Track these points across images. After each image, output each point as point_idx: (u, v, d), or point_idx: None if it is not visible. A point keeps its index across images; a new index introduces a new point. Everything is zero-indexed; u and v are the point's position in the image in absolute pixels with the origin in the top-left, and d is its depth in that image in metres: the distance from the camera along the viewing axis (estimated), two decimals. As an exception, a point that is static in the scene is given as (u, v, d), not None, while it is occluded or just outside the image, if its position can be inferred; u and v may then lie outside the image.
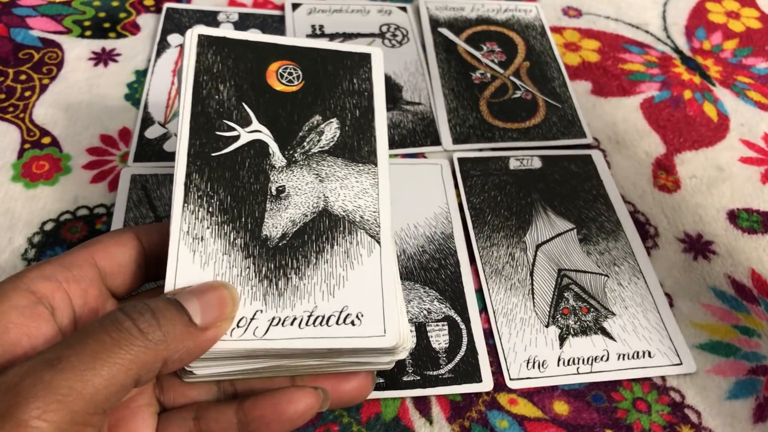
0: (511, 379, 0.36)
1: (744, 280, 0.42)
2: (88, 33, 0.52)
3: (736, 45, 0.58)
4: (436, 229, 0.42)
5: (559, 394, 0.36)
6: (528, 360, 0.37)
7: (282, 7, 0.55)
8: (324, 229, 0.28)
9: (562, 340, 0.38)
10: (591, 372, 0.37)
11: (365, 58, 0.33)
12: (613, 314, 0.39)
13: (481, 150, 0.48)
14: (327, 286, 0.27)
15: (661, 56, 0.56)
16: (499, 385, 0.36)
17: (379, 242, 0.28)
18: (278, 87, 0.30)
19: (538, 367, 0.37)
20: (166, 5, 0.53)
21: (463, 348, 0.37)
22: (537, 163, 0.47)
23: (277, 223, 0.28)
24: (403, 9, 0.57)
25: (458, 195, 0.44)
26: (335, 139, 0.30)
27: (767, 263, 0.43)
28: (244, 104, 0.30)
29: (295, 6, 0.55)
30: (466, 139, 0.48)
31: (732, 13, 0.61)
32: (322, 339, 0.26)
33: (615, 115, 0.51)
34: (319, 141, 0.30)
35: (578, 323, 0.39)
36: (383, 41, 0.54)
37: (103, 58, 0.50)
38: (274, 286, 0.27)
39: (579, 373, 0.37)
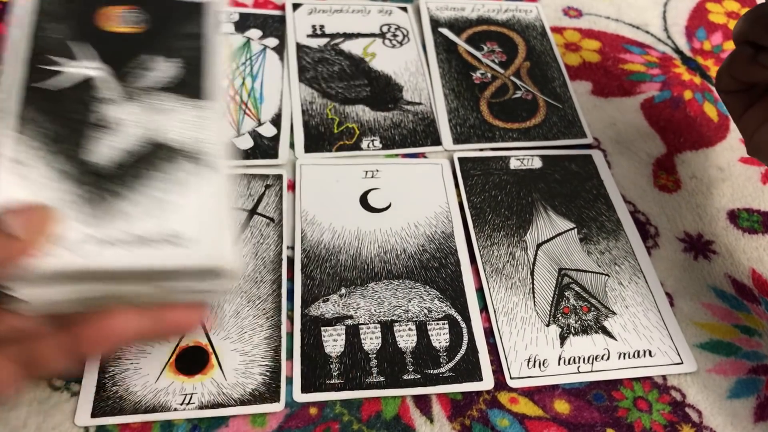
0: (511, 377, 0.36)
1: (744, 280, 0.42)
2: (89, 33, 0.52)
3: (737, 45, 0.58)
4: (437, 229, 0.42)
5: (559, 392, 0.36)
6: (529, 359, 0.37)
7: (283, 7, 0.55)
8: (154, 157, 0.29)
9: (562, 339, 0.38)
10: (592, 371, 0.37)
11: (207, 6, 0.34)
12: (614, 313, 0.39)
13: (481, 150, 0.48)
14: (153, 209, 0.28)
15: (662, 56, 0.56)
16: (500, 383, 0.36)
17: (209, 170, 0.29)
18: (119, 28, 0.32)
19: (539, 366, 0.37)
20: (167, 5, 0.54)
21: (464, 347, 0.37)
22: (537, 163, 0.47)
23: (106, 151, 0.29)
24: (404, 9, 0.57)
25: (459, 194, 0.45)
26: (173, 77, 0.31)
27: (767, 263, 0.43)
28: (81, 42, 0.31)
29: (295, 6, 0.55)
30: (466, 139, 0.48)
31: (732, 14, 0.61)
32: (144, 258, 0.26)
33: (615, 115, 0.51)
34: (155, 78, 0.31)
35: (579, 322, 0.39)
36: (384, 41, 0.54)
37: (104, 57, 0.50)
38: (100, 209, 0.27)
39: (580, 372, 0.37)
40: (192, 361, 0.35)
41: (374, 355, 0.36)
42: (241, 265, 0.28)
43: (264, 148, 0.45)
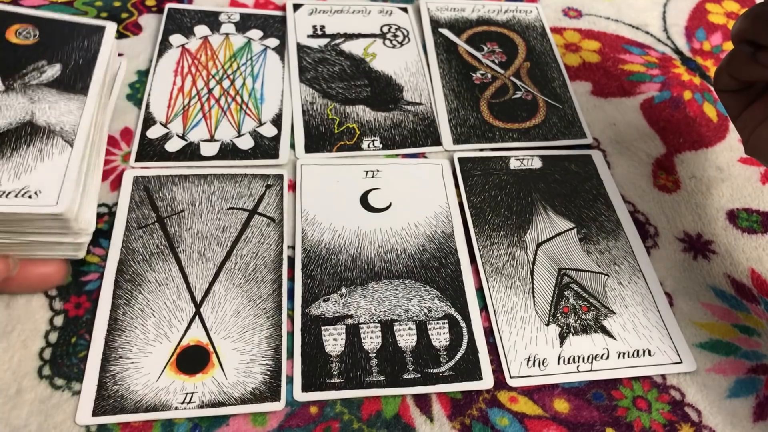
0: (511, 377, 0.37)
1: (744, 280, 0.42)
2: (90, 33, 0.52)
3: (736, 46, 0.58)
4: (437, 228, 0.42)
5: (559, 392, 0.36)
6: (528, 358, 0.37)
7: (283, 8, 0.55)
8: (25, 134, 0.35)
9: (562, 338, 0.38)
10: (591, 370, 0.37)
11: (100, 29, 0.42)
12: (613, 313, 0.40)
13: (481, 150, 0.48)
14: (15, 172, 0.33)
15: (662, 57, 0.56)
16: (500, 383, 0.36)
17: (71, 145, 0.35)
18: (14, 40, 0.39)
19: (539, 366, 0.37)
20: (168, 6, 0.54)
21: (464, 346, 0.37)
22: (537, 163, 0.47)
23: None
24: (404, 9, 0.57)
25: (459, 194, 0.45)
26: (54, 77, 0.38)
27: (767, 263, 0.43)
28: None
29: (296, 7, 0.55)
30: (466, 139, 0.48)
31: (732, 14, 0.61)
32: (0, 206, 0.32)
33: (615, 115, 0.51)
34: (39, 76, 0.38)
35: (578, 322, 0.39)
36: (384, 42, 0.54)
37: (105, 58, 0.50)
38: None
39: (579, 372, 0.37)
40: (193, 360, 0.35)
41: (374, 355, 0.36)
42: (88, 220, 0.36)
43: (265, 148, 0.45)
